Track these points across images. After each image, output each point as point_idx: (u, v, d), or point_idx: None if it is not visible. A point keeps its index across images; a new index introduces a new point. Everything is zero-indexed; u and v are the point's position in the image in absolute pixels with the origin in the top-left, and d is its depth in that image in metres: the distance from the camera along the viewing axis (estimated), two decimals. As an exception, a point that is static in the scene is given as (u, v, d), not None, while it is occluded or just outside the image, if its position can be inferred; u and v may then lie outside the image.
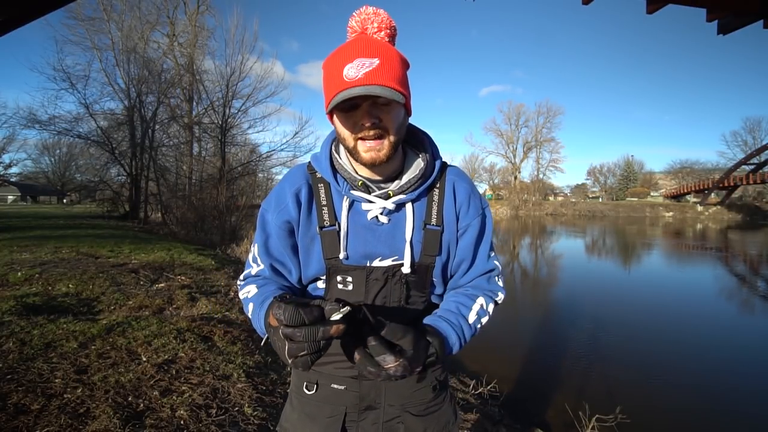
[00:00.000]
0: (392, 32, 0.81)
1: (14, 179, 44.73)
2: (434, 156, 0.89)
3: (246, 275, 0.92)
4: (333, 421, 0.89)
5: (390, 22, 0.80)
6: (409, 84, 0.79)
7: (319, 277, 0.89)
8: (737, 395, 3.79)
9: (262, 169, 20.20)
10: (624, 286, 9.35)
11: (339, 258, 0.84)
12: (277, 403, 2.39)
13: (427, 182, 0.86)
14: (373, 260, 0.85)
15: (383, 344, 0.65)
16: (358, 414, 0.90)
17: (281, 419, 0.97)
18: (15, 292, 3.88)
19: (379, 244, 0.84)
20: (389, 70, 0.73)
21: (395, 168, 0.86)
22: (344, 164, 0.85)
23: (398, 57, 0.76)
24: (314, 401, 0.91)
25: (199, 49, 18.84)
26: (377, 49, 0.74)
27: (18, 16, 3.58)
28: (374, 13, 0.79)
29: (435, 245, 0.86)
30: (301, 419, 0.92)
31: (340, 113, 0.76)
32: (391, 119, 0.76)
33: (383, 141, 0.77)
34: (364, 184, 0.84)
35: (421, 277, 0.87)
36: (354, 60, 0.72)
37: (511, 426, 2.87)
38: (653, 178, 57.56)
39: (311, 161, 0.90)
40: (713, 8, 3.76)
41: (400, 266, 0.84)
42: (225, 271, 6.21)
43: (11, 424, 1.80)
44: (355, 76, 0.71)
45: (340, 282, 0.86)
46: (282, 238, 0.87)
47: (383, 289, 0.85)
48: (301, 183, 0.88)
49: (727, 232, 24.73)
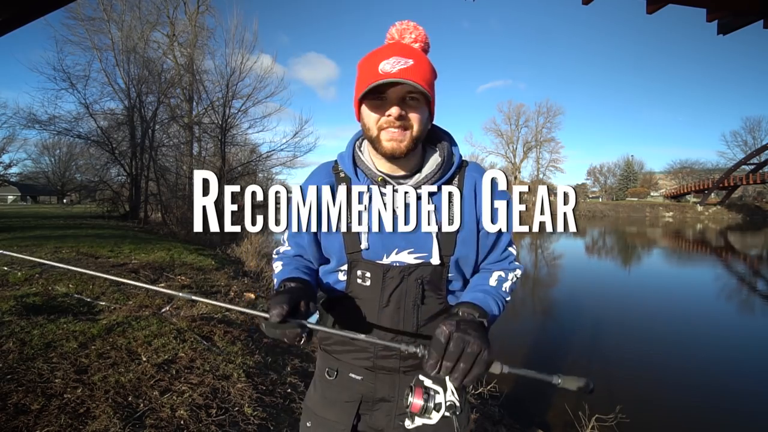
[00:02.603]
0: (426, 47, 0.88)
1: (14, 179, 44.70)
2: (452, 152, 0.92)
3: (277, 251, 1.02)
4: (349, 407, 0.95)
5: (426, 38, 0.87)
6: (435, 90, 0.85)
7: (340, 269, 0.93)
8: (737, 395, 3.79)
9: (262, 169, 20.24)
10: (624, 286, 9.35)
11: (360, 251, 0.88)
12: (277, 403, 2.39)
13: (445, 176, 0.89)
14: (390, 252, 0.88)
15: (434, 366, 0.69)
16: (372, 404, 0.95)
17: (306, 398, 1.06)
18: (15, 292, 3.87)
19: (396, 237, 0.87)
20: (421, 71, 0.78)
21: (415, 164, 0.90)
22: (366, 161, 0.90)
23: (429, 64, 0.83)
24: (334, 386, 0.97)
25: (199, 49, 18.86)
26: (412, 52, 0.81)
27: (18, 16, 3.58)
28: (414, 27, 0.86)
29: (450, 245, 0.88)
30: (321, 401, 0.99)
31: (368, 103, 0.81)
32: (417, 115, 0.81)
33: (406, 133, 0.81)
34: (383, 179, 0.88)
35: (436, 275, 0.89)
36: (390, 58, 0.78)
37: (511, 426, 2.87)
38: (653, 178, 57.51)
39: (337, 158, 0.96)
40: (713, 8, 3.76)
41: (417, 266, 0.87)
42: (225, 271, 6.21)
43: (11, 424, 1.80)
44: (391, 70, 0.76)
45: (359, 277, 0.90)
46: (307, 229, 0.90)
47: (399, 288, 0.88)
48: (325, 178, 0.93)
49: (727, 233, 24.72)
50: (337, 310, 0.95)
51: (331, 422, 0.96)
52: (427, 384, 0.79)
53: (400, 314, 0.89)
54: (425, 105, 0.82)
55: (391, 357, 0.92)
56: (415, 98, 0.80)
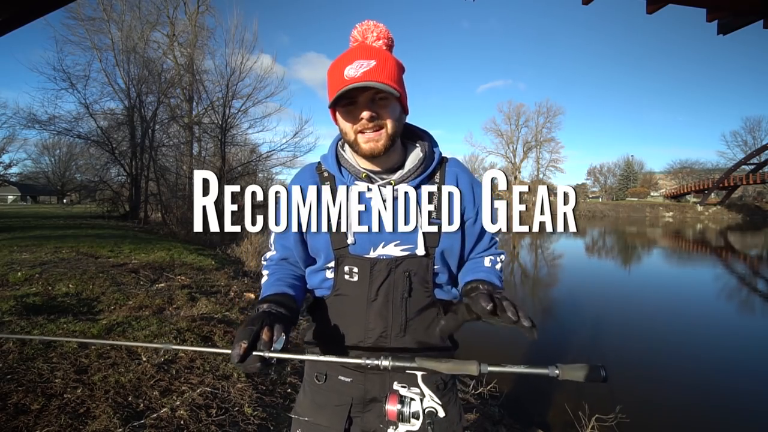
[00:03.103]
0: (390, 42, 0.89)
1: (14, 179, 44.67)
2: (433, 148, 0.96)
3: (264, 257, 1.03)
4: (340, 410, 0.94)
5: (388, 33, 0.89)
6: (404, 84, 0.88)
7: (327, 266, 0.94)
8: (737, 395, 3.79)
9: (262, 169, 20.23)
10: (624, 286, 9.35)
11: (346, 246, 0.89)
12: (277, 403, 2.39)
13: (427, 171, 0.92)
14: (377, 246, 0.90)
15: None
16: (363, 405, 0.95)
17: (295, 405, 1.04)
18: (15, 292, 3.87)
19: (383, 230, 0.89)
20: (385, 69, 0.81)
21: (396, 160, 0.93)
22: (349, 159, 0.93)
23: (393, 60, 0.85)
24: (324, 391, 0.97)
25: (199, 49, 18.84)
26: (374, 53, 0.83)
27: (18, 16, 3.58)
28: (374, 25, 0.88)
29: (435, 237, 0.90)
30: (311, 407, 0.98)
31: (341, 109, 0.85)
32: (388, 113, 0.84)
33: (381, 132, 0.84)
34: (367, 176, 0.91)
35: (423, 267, 0.90)
36: (353, 62, 0.81)
37: (511, 426, 2.87)
38: (653, 178, 57.48)
39: (320, 159, 0.99)
40: (713, 8, 3.76)
41: (404, 259, 0.89)
42: (225, 271, 6.21)
43: (11, 424, 1.80)
44: (355, 74, 0.79)
45: (347, 273, 0.91)
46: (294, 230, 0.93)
47: (387, 281, 0.89)
48: (309, 179, 0.95)
49: (727, 233, 24.72)
50: (325, 310, 0.96)
51: (323, 428, 0.95)
52: (402, 392, 0.80)
53: (389, 308, 0.90)
54: (396, 101, 0.85)
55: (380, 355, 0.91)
56: (385, 97, 0.83)
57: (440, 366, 0.66)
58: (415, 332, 0.92)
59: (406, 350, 0.91)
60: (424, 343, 0.93)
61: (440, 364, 0.66)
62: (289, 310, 0.85)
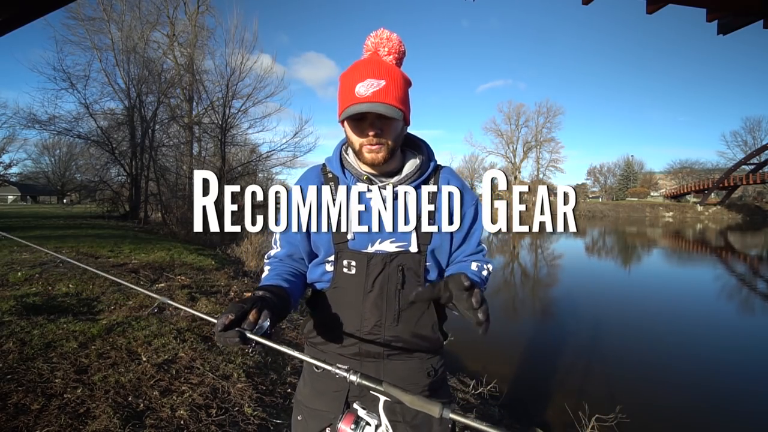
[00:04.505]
0: (400, 56, 0.97)
1: (14, 179, 44.65)
2: (429, 157, 1.05)
3: (269, 255, 1.09)
4: (338, 395, 1.01)
5: (400, 47, 0.96)
6: (409, 100, 0.96)
7: (327, 260, 1.01)
8: (737, 395, 3.79)
9: (262, 169, 20.21)
10: (624, 286, 9.36)
11: (346, 242, 0.97)
12: (277, 403, 2.39)
13: (423, 176, 1.01)
14: (374, 242, 0.97)
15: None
16: (359, 391, 0.99)
17: (296, 392, 1.12)
18: (15, 292, 3.87)
19: (382, 229, 0.96)
20: (393, 90, 0.89)
21: (395, 166, 1.01)
22: (352, 162, 1.01)
23: (402, 79, 0.93)
24: (322, 378, 1.03)
25: (199, 49, 18.80)
26: (385, 71, 0.90)
27: (18, 16, 3.58)
28: (387, 38, 0.94)
29: (427, 235, 0.98)
30: (311, 393, 1.05)
31: (350, 122, 0.93)
32: (391, 130, 0.93)
33: (382, 146, 0.93)
34: (368, 178, 0.98)
35: (415, 262, 0.98)
36: (365, 80, 0.88)
37: (511, 426, 2.88)
38: (653, 178, 57.44)
39: (325, 161, 1.07)
40: (713, 8, 3.76)
41: (398, 254, 0.96)
42: (225, 271, 6.21)
43: (11, 424, 1.80)
44: (365, 93, 0.87)
45: (345, 266, 0.98)
46: (298, 227, 0.99)
47: (382, 274, 0.96)
48: (314, 179, 1.03)
49: (727, 233, 24.72)
50: (325, 301, 1.02)
51: (322, 412, 1.01)
52: (361, 414, 0.81)
53: (384, 298, 0.97)
54: (399, 119, 0.92)
55: (376, 341, 0.98)
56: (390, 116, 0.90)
57: (404, 397, 0.66)
58: (407, 322, 0.99)
59: (399, 339, 0.98)
60: (416, 332, 1.00)
61: (405, 395, 0.66)
62: (281, 300, 0.90)
